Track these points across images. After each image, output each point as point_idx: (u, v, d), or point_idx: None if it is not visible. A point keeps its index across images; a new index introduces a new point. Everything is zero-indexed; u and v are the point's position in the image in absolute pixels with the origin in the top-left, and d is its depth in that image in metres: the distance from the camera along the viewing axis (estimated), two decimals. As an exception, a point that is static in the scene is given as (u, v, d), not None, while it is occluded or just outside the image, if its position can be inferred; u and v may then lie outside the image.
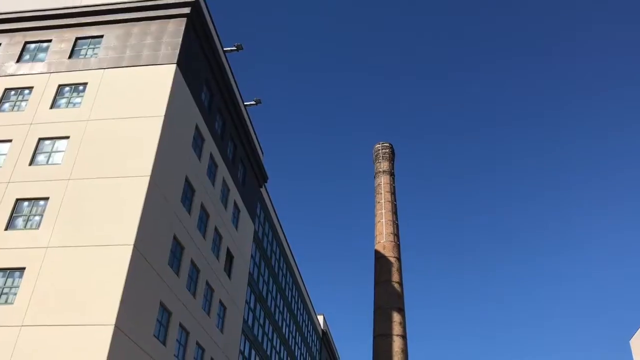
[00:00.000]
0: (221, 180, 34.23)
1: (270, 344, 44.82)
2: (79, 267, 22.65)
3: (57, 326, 21.34)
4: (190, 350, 28.44)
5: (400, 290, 41.30)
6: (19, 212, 25.01)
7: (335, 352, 76.37)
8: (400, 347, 38.22)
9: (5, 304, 22.39)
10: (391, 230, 44.38)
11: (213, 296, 32.24)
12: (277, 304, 47.83)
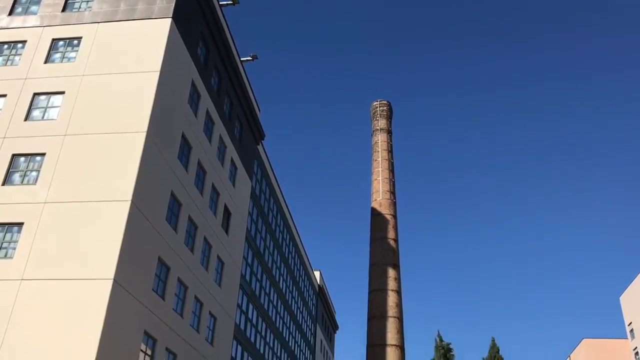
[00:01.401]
0: (218, 137, 34.15)
1: (267, 298, 45.59)
2: (77, 223, 22.82)
3: (56, 280, 21.64)
4: (189, 304, 28.94)
5: (395, 247, 41.81)
6: (15, 167, 25.03)
7: (331, 306, 77.81)
8: (394, 301, 38.92)
9: (5, 258, 22.66)
10: (387, 188, 44.59)
11: (211, 252, 32.62)
12: (274, 259, 48.44)
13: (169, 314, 26.50)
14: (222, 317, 33.97)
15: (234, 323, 36.29)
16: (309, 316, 63.71)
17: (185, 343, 28.22)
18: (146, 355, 24.33)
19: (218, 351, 33.05)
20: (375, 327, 38.11)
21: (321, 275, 71.07)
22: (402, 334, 38.71)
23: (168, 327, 26.19)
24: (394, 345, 37.33)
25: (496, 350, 60.47)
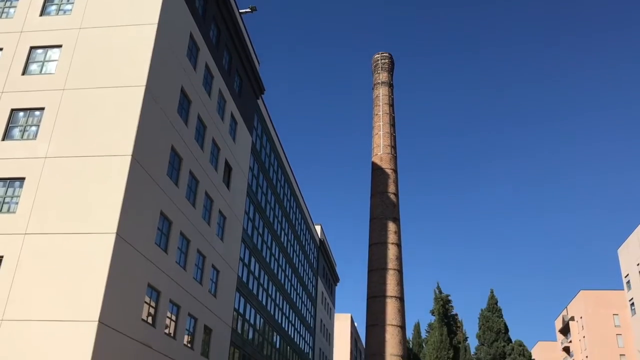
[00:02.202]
0: (217, 91, 33.87)
1: (269, 252, 46.13)
2: (78, 178, 22.87)
3: (59, 234, 21.84)
4: (192, 257, 29.30)
5: (396, 201, 41.97)
6: (15, 122, 24.92)
7: (332, 259, 78.84)
8: (395, 254, 39.34)
9: (8, 213, 22.82)
10: (388, 143, 44.45)
11: (213, 206, 32.81)
12: (275, 214, 48.77)
13: (172, 267, 26.87)
14: (225, 270, 34.44)
15: (236, 276, 36.82)
16: (310, 269, 64.63)
17: (189, 295, 28.71)
18: (150, 307, 24.78)
19: (221, 303, 33.66)
20: (376, 279, 38.66)
21: (322, 229, 71.71)
22: (402, 286, 39.29)
23: (171, 280, 26.59)
24: (394, 296, 37.95)
25: (495, 301, 61.66)
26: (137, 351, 23.09)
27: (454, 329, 63.91)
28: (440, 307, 61.75)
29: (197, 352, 29.89)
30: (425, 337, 65.58)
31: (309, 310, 63.09)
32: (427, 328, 67.35)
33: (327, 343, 73.64)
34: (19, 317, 20.57)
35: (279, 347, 49.03)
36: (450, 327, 62.65)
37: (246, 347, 39.15)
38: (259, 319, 42.82)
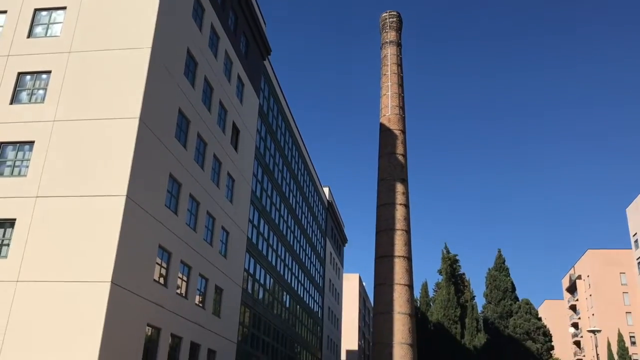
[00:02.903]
0: (223, 52, 33.57)
1: (278, 213, 46.45)
2: (86, 141, 22.96)
3: (70, 197, 22.06)
4: (201, 219, 29.58)
5: (404, 162, 41.91)
6: (22, 85, 24.91)
7: (340, 221, 79.37)
8: (402, 215, 39.48)
9: (19, 176, 23.03)
10: (397, 103, 44.07)
11: (221, 168, 32.93)
12: (283, 176, 48.92)
13: (183, 229, 27.17)
14: (235, 231, 34.80)
15: (246, 237, 37.21)
16: (319, 230, 65.15)
17: (199, 256, 29.10)
18: (162, 267, 25.18)
19: (231, 263, 34.12)
20: (384, 240, 38.93)
21: (330, 191, 71.96)
22: (409, 246, 39.58)
23: (182, 241, 26.93)
24: (402, 256, 38.27)
25: (502, 260, 62.14)
26: (150, 311, 23.57)
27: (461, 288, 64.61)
28: (447, 266, 62.28)
29: (209, 311, 30.47)
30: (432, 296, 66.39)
31: (318, 270, 63.87)
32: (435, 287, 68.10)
33: (336, 302, 74.79)
34: (33, 278, 20.97)
35: (289, 307, 49.88)
36: (458, 286, 63.34)
37: (257, 306, 39.85)
38: (268, 279, 43.44)
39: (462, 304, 61.77)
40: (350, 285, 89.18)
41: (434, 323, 60.21)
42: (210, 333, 30.37)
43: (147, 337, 23.63)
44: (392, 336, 36.00)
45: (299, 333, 53.24)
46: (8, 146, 23.74)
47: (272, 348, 43.60)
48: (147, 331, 23.55)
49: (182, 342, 26.82)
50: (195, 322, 28.28)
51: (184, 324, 26.90)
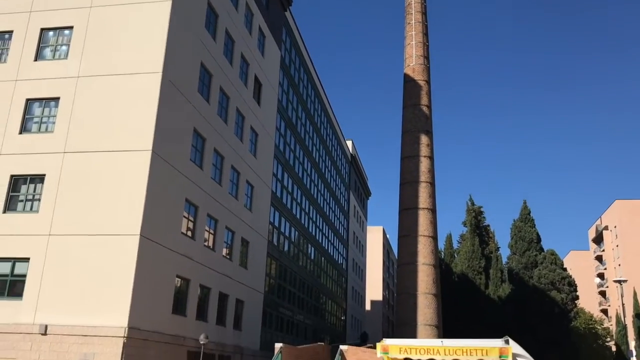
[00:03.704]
0: (244, 4, 33.08)
1: (301, 167, 46.59)
2: (110, 96, 23.08)
3: (97, 152, 22.35)
4: (226, 173, 29.83)
5: (428, 113, 41.37)
6: (45, 42, 24.98)
7: (363, 174, 79.37)
8: (427, 167, 39.23)
9: (46, 132, 23.38)
10: (421, 53, 43.18)
11: (244, 122, 32.95)
12: (306, 129, 48.81)
13: (208, 183, 27.46)
14: (259, 185, 35.07)
15: (270, 191, 37.51)
16: (342, 183, 65.32)
17: (226, 209, 29.49)
18: (189, 221, 25.61)
19: (257, 217, 34.54)
20: (408, 192, 38.86)
21: (353, 144, 71.73)
22: (434, 199, 39.48)
23: (208, 195, 27.26)
24: (426, 208, 38.24)
25: (527, 211, 61.73)
26: (179, 262, 24.12)
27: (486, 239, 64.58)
28: (472, 218, 62.15)
29: (236, 263, 31.08)
30: (457, 248, 66.55)
31: (342, 223, 64.37)
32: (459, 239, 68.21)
33: (360, 254, 75.60)
34: (65, 232, 21.52)
35: (314, 259, 50.60)
36: (482, 237, 63.31)
37: (282, 258, 40.50)
38: (293, 232, 43.96)
39: (486, 255, 61.90)
40: (374, 238, 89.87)
41: (458, 274, 60.59)
42: (238, 284, 31.05)
43: (177, 288, 24.27)
44: (417, 286, 36.38)
45: (324, 284, 54.14)
46: (34, 103, 24.02)
47: (298, 298, 44.49)
48: (176, 282, 24.17)
49: (210, 292, 27.50)
50: (223, 273, 28.91)
51: (212, 275, 27.51)
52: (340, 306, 62.31)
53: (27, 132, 23.69)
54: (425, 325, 35.46)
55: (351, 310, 67.65)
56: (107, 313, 20.09)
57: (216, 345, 27.40)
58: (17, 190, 22.94)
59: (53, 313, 20.54)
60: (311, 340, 40.33)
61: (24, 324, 20.53)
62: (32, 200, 22.72)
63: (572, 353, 53.13)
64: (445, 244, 65.59)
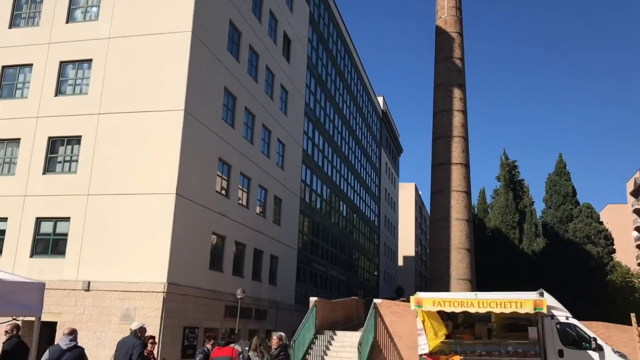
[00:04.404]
0: (271, -42, 32.49)
1: (332, 124, 46.41)
2: (141, 57, 23.19)
3: (130, 113, 22.63)
4: (258, 131, 29.94)
5: (461, 66, 40.44)
6: (75, 4, 25.08)
7: (395, 130, 78.70)
8: (460, 121, 38.60)
9: (80, 94, 23.74)
10: (453, 4, 41.92)
11: (274, 80, 32.82)
12: (336, 86, 48.36)
13: (240, 142, 27.63)
14: (290, 143, 35.14)
15: (301, 149, 37.58)
16: (373, 140, 64.95)
17: (258, 168, 29.73)
18: (223, 179, 25.93)
19: (288, 175, 34.76)
20: (440, 147, 38.41)
21: (384, 100, 70.92)
22: (467, 153, 38.97)
23: (240, 154, 27.47)
24: (459, 163, 37.81)
25: (563, 165, 60.61)
26: (214, 220, 24.57)
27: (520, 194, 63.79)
28: (506, 172, 61.33)
29: (269, 220, 31.49)
30: (490, 203, 65.96)
31: (374, 180, 64.31)
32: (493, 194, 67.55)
33: (392, 211, 75.68)
34: (102, 192, 22.05)
35: (346, 215, 50.88)
36: (516, 192, 62.54)
37: (314, 215, 40.84)
38: (325, 189, 44.16)
39: (520, 210, 61.28)
40: (406, 194, 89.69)
41: (492, 229, 60.26)
42: (272, 240, 31.53)
43: (213, 245, 24.79)
44: (450, 242, 36.35)
45: (356, 240, 54.57)
46: (68, 65, 24.32)
47: (331, 254, 45.02)
48: (212, 239, 24.67)
49: (245, 248, 28.03)
50: (257, 230, 29.36)
51: (246, 232, 27.97)
52: (373, 262, 62.88)
53: (62, 94, 24.09)
54: (459, 279, 35.58)
55: (384, 266, 68.23)
56: (147, 269, 20.70)
57: (252, 299, 28.08)
58: (55, 152, 23.50)
59: (95, 270, 21.27)
60: (345, 295, 40.92)
61: (68, 281, 21.33)
62: (69, 162, 23.27)
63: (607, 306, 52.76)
64: (478, 199, 65.12)
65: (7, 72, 25.00)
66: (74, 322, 20.49)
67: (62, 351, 8.44)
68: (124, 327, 18.49)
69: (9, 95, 24.77)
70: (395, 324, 20.48)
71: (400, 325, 20.32)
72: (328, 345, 21.04)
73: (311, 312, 21.23)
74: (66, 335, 8.62)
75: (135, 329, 9.36)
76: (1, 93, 24.79)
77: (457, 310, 16.55)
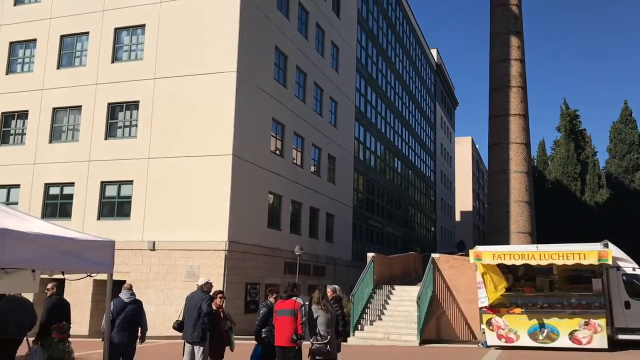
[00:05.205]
0: None
1: (384, 80, 45.69)
2: (193, 20, 23.35)
3: (185, 76, 22.95)
4: (309, 90, 29.85)
5: (518, 13, 38.72)
6: (126, -30, 25.37)
7: (450, 83, 76.83)
8: (518, 71, 37.20)
9: (136, 60, 24.21)
10: (508, -53, 39.95)
11: (324, 37, 32.44)
12: (388, 40, 47.38)
13: (293, 101, 27.66)
14: (342, 100, 34.90)
15: (354, 106, 37.27)
16: (428, 94, 63.68)
17: (311, 127, 29.75)
18: (277, 139, 26.13)
19: (342, 132, 34.66)
20: (498, 98, 37.25)
21: (438, 52, 69.11)
22: (526, 104, 37.69)
23: (293, 113, 27.53)
24: (518, 114, 36.64)
25: (628, 112, 57.94)
26: (271, 180, 24.92)
27: (582, 144, 61.62)
28: (567, 122, 59.19)
29: (324, 178, 31.66)
30: (550, 154, 64.02)
31: (429, 135, 63.34)
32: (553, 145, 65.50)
33: (448, 166, 74.60)
34: (162, 155, 22.67)
35: (401, 172, 50.52)
36: (578, 142, 60.42)
37: (369, 172, 40.76)
38: (379, 146, 43.86)
39: (582, 161, 59.29)
40: (462, 148, 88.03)
41: (552, 181, 58.67)
42: (327, 198, 31.76)
43: (270, 204, 25.22)
44: (508, 195, 35.60)
45: (412, 196, 54.26)
46: (122, 31, 24.78)
47: (386, 211, 45.00)
48: (269, 198, 25.08)
49: (302, 207, 28.38)
50: (312, 188, 29.61)
51: (302, 190, 28.26)
52: (430, 218, 62.52)
53: (119, 61, 24.64)
54: (518, 232, 34.97)
55: (441, 221, 67.76)
56: (209, 229, 21.32)
57: (310, 256, 28.56)
58: (115, 118, 24.22)
59: (159, 230, 22.07)
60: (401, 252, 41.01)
61: (134, 241, 22.24)
62: (129, 127, 23.96)
63: (676, 258, 50.90)
64: (538, 151, 63.37)
65: (65, 41, 25.72)
66: (141, 280, 21.48)
67: (124, 304, 9.06)
68: (189, 285, 19.22)
69: (68, 64, 25.54)
70: (454, 278, 20.42)
71: (459, 279, 20.24)
72: (387, 299, 21.26)
73: (369, 267, 21.41)
74: (127, 290, 9.30)
75: (201, 284, 9.71)
76: (61, 62, 25.56)
77: (518, 262, 16.31)
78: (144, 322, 9.53)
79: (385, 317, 20.18)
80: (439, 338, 19.64)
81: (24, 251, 5.69)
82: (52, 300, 9.94)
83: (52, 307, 9.79)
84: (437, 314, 20.15)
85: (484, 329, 16.88)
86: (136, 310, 9.35)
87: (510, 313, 16.60)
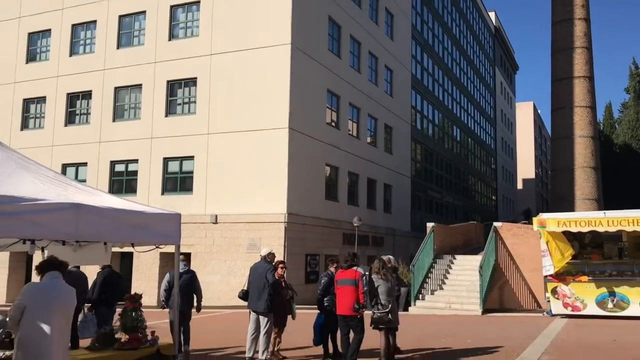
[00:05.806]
0: None
1: (441, 46, 44.58)
2: (246, -7, 23.41)
3: (240, 51, 23.13)
4: (364, 59, 29.50)
5: (582, -31, 36.86)
6: (179, -53, 25.58)
7: (509, 47, 74.20)
8: (582, 30, 35.49)
9: (192, 37, 24.55)
10: None
11: (378, 4, 31.86)
12: (444, 4, 46.05)
13: (347, 71, 27.43)
14: (398, 68, 34.33)
15: (410, 74, 36.62)
16: (486, 59, 61.77)
17: (366, 97, 29.47)
18: (332, 111, 26.06)
19: (398, 102, 34.18)
20: (561, 60, 35.77)
21: (496, 15, 66.71)
22: (591, 65, 36.04)
23: (348, 84, 27.33)
24: (582, 76, 35.12)
25: None
26: (327, 151, 24.96)
27: (653, 105, 58.48)
28: (636, 83, 56.18)
29: (381, 149, 31.42)
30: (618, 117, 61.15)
31: (488, 101, 61.62)
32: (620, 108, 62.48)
33: (509, 132, 72.56)
34: (221, 130, 23.05)
35: (460, 140, 49.52)
36: (648, 104, 57.40)
37: (427, 141, 40.15)
38: (437, 114, 43.05)
39: (653, 123, 56.36)
40: (523, 114, 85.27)
41: (620, 145, 56.15)
42: (384, 169, 31.56)
43: (327, 176, 25.30)
44: (573, 160, 34.41)
45: (472, 165, 53.19)
46: (178, 8, 25.12)
47: (446, 180, 44.36)
48: (326, 170, 25.16)
49: (359, 178, 28.34)
50: (368, 159, 29.47)
51: (358, 161, 28.19)
52: (491, 186, 61.21)
53: (176, 38, 25.05)
54: (584, 199, 33.84)
55: (502, 189, 66.24)
56: (268, 201, 21.66)
57: (369, 227, 28.58)
58: (174, 95, 24.74)
59: (220, 204, 22.60)
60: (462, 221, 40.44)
61: (197, 215, 22.86)
62: (188, 103, 24.45)
63: None
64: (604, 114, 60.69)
65: (123, 21, 26.32)
66: (205, 253, 22.12)
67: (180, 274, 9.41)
68: (251, 256, 19.67)
69: (127, 43, 26.17)
70: (517, 247, 20.01)
71: (522, 248, 19.82)
72: (447, 269, 21.10)
73: (429, 237, 21.25)
74: (181, 261, 9.70)
75: (264, 255, 9.92)
76: (120, 42, 26.22)
77: (584, 229, 15.81)
78: (199, 290, 10.54)
79: (447, 287, 20.05)
80: (502, 307, 19.38)
81: (96, 225, 5.94)
82: (104, 272, 10.47)
83: (104, 280, 10.41)
84: (499, 283, 19.86)
85: (549, 298, 16.54)
86: (190, 279, 10.34)
87: (577, 281, 16.18)
